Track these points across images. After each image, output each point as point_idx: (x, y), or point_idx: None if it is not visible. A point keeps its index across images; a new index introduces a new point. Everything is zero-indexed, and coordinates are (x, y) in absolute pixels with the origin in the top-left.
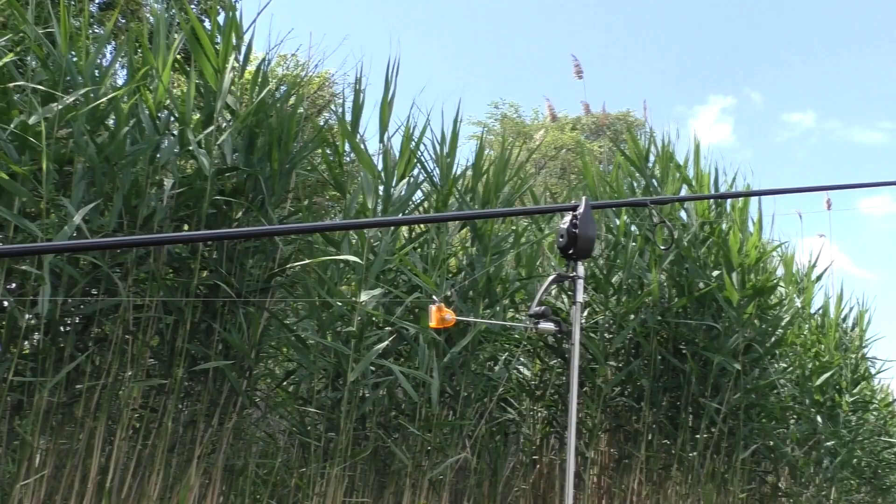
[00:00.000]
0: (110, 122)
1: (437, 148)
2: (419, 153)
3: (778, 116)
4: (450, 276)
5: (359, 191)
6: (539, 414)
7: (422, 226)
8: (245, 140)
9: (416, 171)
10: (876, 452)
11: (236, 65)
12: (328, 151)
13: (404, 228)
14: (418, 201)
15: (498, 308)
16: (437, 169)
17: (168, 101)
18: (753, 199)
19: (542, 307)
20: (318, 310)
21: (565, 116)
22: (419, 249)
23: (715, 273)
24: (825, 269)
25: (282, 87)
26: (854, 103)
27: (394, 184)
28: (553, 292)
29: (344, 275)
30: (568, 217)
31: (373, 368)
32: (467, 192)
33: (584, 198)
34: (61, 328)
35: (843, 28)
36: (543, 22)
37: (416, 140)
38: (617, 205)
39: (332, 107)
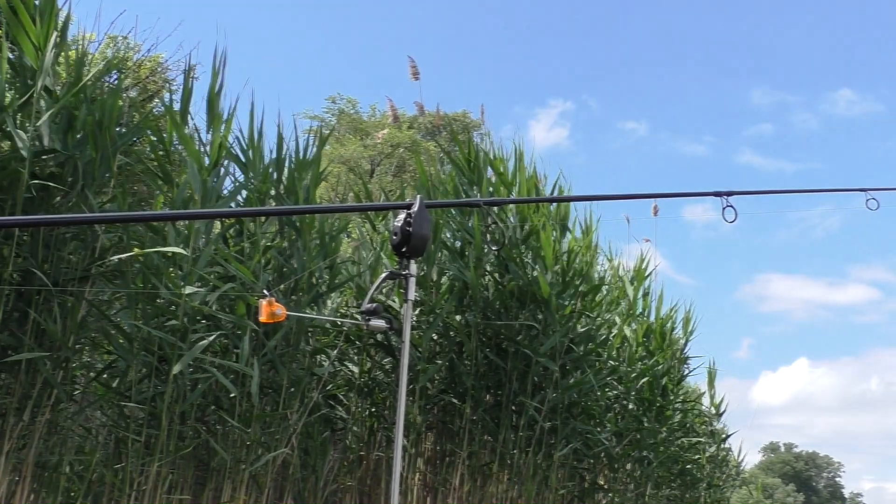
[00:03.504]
0: None
1: (244, 141)
2: (230, 144)
3: (613, 124)
4: (267, 267)
5: (187, 181)
6: (367, 411)
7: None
8: (63, 122)
9: (230, 164)
10: (686, 448)
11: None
12: (154, 139)
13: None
14: (227, 192)
15: (323, 303)
16: (251, 162)
17: None
18: (583, 203)
19: (374, 304)
20: (144, 302)
21: (404, 114)
22: (242, 244)
23: (535, 273)
24: (650, 273)
25: (114, 73)
26: (682, 116)
27: (209, 175)
28: (384, 290)
29: (167, 267)
30: (402, 215)
31: (191, 363)
32: (289, 186)
33: (418, 196)
34: None
35: (674, 45)
36: (386, 24)
37: (223, 131)
38: (451, 205)
39: (168, 93)
